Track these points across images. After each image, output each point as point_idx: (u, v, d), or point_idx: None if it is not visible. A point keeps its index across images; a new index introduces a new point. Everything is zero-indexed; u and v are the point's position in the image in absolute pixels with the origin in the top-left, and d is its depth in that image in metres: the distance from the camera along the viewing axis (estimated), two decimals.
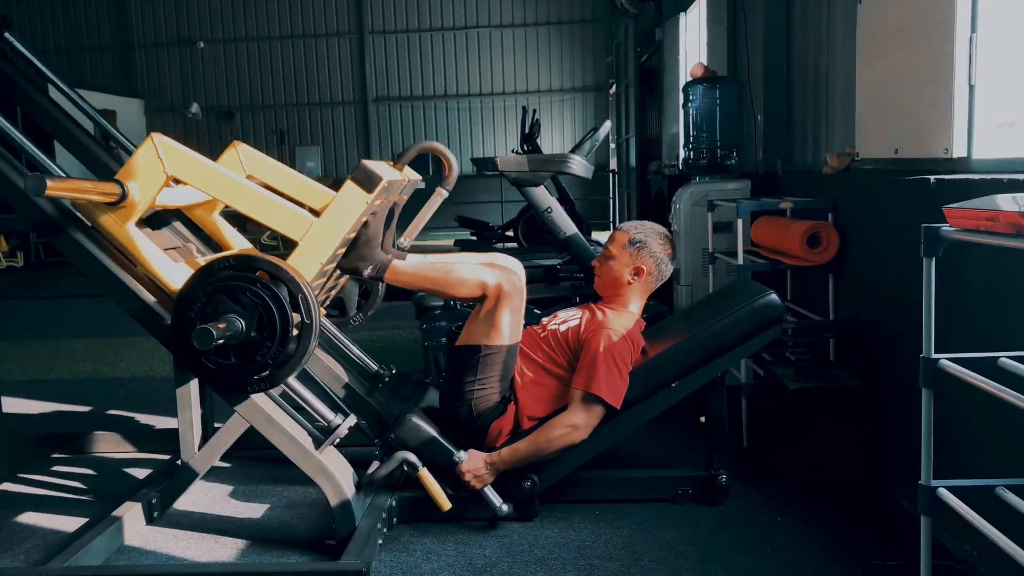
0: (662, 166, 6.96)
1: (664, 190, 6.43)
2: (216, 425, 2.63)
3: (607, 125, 4.73)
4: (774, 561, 2.21)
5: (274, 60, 14.66)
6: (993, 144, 2.33)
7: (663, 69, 7.21)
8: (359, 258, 2.39)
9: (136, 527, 2.47)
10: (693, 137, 4.25)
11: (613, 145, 12.23)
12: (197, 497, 2.75)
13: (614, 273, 2.72)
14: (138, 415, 3.84)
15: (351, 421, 2.32)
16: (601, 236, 9.64)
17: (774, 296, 2.55)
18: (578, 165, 4.25)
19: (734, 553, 2.26)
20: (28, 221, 2.28)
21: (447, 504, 2.36)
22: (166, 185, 2.25)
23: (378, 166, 2.23)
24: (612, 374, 2.46)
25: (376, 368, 3.01)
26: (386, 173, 2.25)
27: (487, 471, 2.44)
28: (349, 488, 2.28)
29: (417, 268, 2.48)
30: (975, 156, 2.36)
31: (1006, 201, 1.41)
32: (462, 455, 2.43)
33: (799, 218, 3.31)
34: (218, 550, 2.38)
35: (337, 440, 2.29)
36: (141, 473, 2.99)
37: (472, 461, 2.44)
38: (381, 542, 2.32)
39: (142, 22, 14.63)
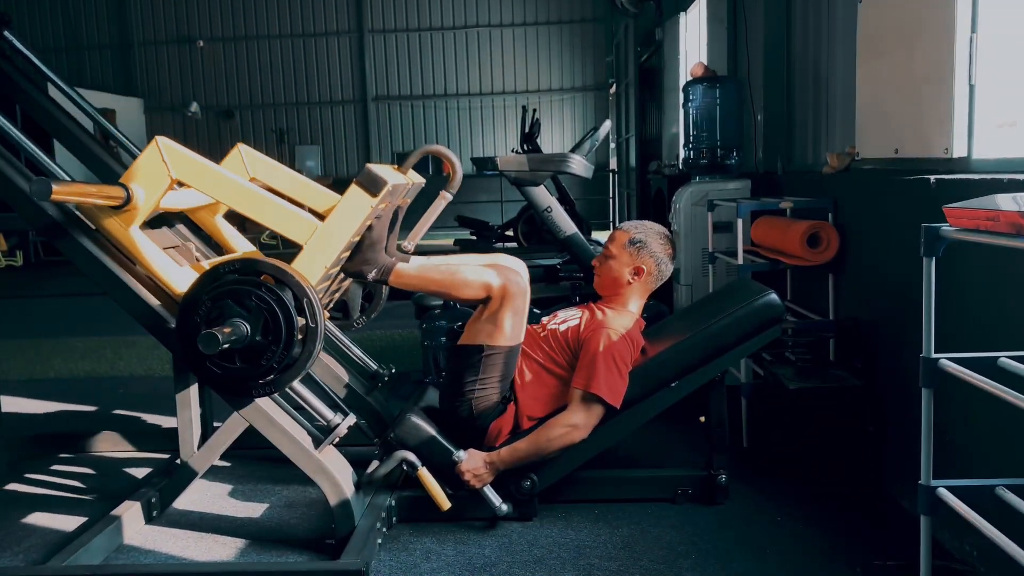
0: (662, 166, 6.96)
1: (664, 190, 6.43)
2: (215, 424, 2.63)
3: (607, 125, 4.73)
4: (774, 561, 2.21)
5: (274, 59, 14.66)
6: (993, 144, 2.33)
7: (663, 69, 7.21)
8: (363, 262, 2.39)
9: (135, 526, 2.47)
10: (693, 137, 4.25)
11: (613, 145, 12.23)
12: (196, 496, 2.75)
13: (614, 273, 2.72)
14: (137, 414, 3.83)
15: (350, 420, 2.32)
16: (601, 236, 9.64)
17: (774, 296, 2.55)
18: (578, 165, 4.24)
19: (734, 553, 2.25)
20: (32, 224, 2.27)
21: (446, 504, 2.36)
22: (170, 189, 2.25)
23: (382, 170, 2.23)
24: (612, 374, 2.46)
25: (376, 367, 3.01)
26: (390, 177, 2.25)
27: (486, 470, 2.44)
28: (348, 487, 2.28)
29: (421, 271, 2.48)
30: (975, 156, 2.36)
31: (1006, 201, 1.41)
32: (461, 454, 2.43)
33: (799, 218, 3.30)
34: (217, 549, 2.38)
35: (336, 439, 2.29)
36: (140, 472, 2.99)
37: (471, 460, 2.43)
38: (380, 541, 2.32)
39: (142, 21, 14.63)
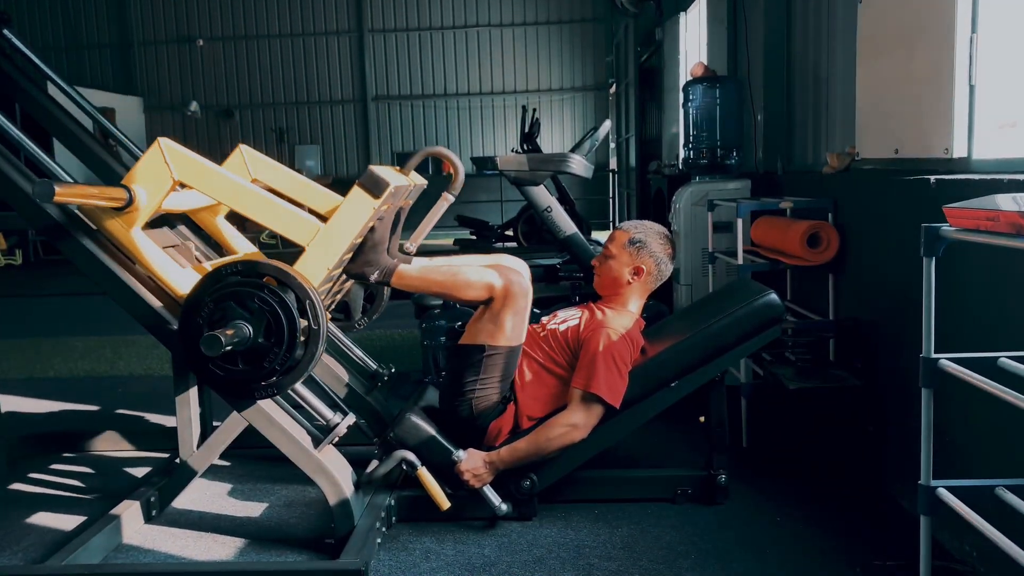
0: (662, 166, 6.96)
1: (664, 190, 6.43)
2: (215, 423, 2.63)
3: (607, 124, 4.73)
4: (774, 561, 2.21)
5: (273, 58, 14.67)
6: (993, 144, 2.33)
7: (663, 69, 7.22)
8: (366, 263, 2.39)
9: (134, 525, 2.47)
10: (693, 137, 4.25)
11: (613, 145, 12.24)
12: (196, 496, 2.75)
13: (614, 272, 2.72)
14: (136, 413, 3.83)
15: (350, 420, 2.32)
16: (601, 236, 9.65)
17: (774, 296, 2.55)
18: (578, 164, 4.24)
19: (733, 553, 2.25)
20: (33, 225, 2.27)
21: (446, 503, 2.36)
22: (172, 190, 2.24)
23: (385, 171, 2.23)
24: (612, 373, 2.45)
25: (375, 367, 3.01)
26: (393, 179, 2.24)
27: (486, 470, 2.44)
28: (348, 487, 2.28)
29: (423, 272, 2.48)
30: (975, 156, 2.36)
31: (1006, 201, 1.41)
32: (461, 454, 2.43)
33: (799, 218, 3.30)
34: (216, 549, 2.38)
35: (336, 439, 2.29)
36: (139, 471, 2.99)
37: (471, 460, 2.43)
38: (380, 541, 2.32)
39: (141, 20, 14.64)
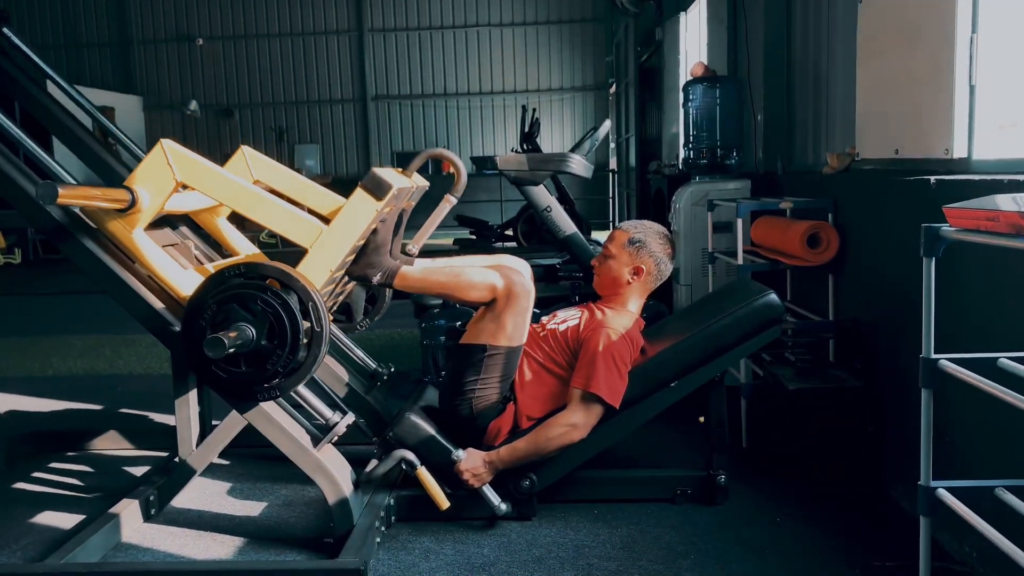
0: (662, 166, 6.96)
1: (664, 190, 6.43)
2: (214, 422, 2.63)
3: (607, 124, 4.73)
4: (774, 561, 2.20)
5: (273, 57, 14.66)
6: (993, 144, 2.33)
7: (663, 68, 7.21)
8: (368, 265, 2.39)
9: (133, 524, 2.46)
10: (693, 137, 4.25)
11: (613, 144, 12.23)
12: (195, 494, 2.75)
13: (613, 272, 2.72)
14: (135, 412, 3.83)
15: (349, 419, 2.32)
16: (601, 236, 9.64)
17: (774, 296, 2.55)
18: (578, 164, 4.24)
19: (733, 553, 2.25)
20: (34, 225, 2.27)
21: (445, 503, 2.36)
22: (175, 191, 2.24)
23: (387, 173, 2.23)
24: (611, 373, 2.45)
25: (375, 366, 3.01)
26: (395, 180, 2.24)
27: (485, 470, 2.44)
28: (347, 486, 2.28)
29: (425, 274, 2.48)
30: (975, 156, 2.35)
31: (1006, 201, 1.41)
32: (460, 454, 2.43)
33: (799, 218, 3.30)
34: (215, 548, 2.38)
35: (335, 438, 2.29)
36: (139, 470, 2.99)
37: (470, 460, 2.43)
38: (379, 540, 2.32)
39: (141, 19, 14.63)
